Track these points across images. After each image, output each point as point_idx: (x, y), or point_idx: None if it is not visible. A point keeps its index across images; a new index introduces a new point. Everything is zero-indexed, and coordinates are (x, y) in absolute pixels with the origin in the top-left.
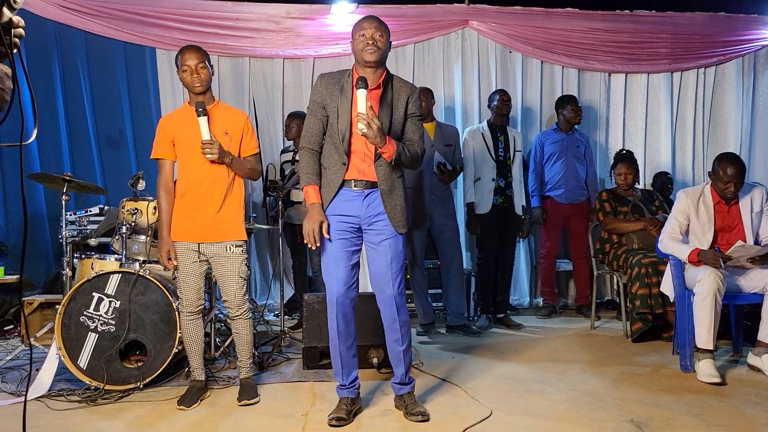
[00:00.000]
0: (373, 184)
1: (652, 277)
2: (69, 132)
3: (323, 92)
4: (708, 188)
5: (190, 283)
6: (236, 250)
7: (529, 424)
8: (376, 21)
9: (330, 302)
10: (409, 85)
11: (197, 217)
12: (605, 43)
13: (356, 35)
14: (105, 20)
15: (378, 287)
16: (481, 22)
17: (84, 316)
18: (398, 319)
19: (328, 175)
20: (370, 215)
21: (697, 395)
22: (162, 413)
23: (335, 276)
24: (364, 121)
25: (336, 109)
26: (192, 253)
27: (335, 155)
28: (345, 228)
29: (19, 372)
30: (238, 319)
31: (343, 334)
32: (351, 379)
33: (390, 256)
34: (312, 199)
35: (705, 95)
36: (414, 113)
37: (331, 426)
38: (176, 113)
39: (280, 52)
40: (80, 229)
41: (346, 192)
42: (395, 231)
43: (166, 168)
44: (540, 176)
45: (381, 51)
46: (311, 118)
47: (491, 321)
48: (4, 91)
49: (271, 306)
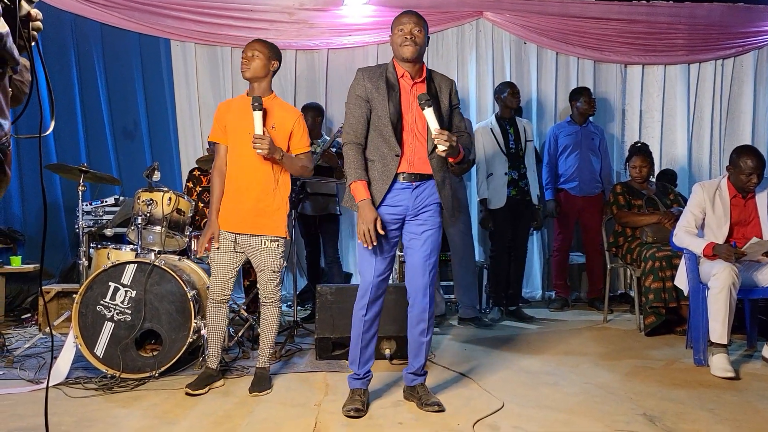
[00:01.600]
0: (422, 177)
1: (666, 270)
2: (85, 123)
3: (368, 86)
4: (725, 182)
5: (220, 271)
6: (271, 245)
7: (541, 416)
8: (415, 16)
9: (363, 291)
10: (447, 77)
11: (236, 208)
12: (622, 34)
13: (395, 30)
14: (120, 12)
15: (413, 277)
16: (495, 13)
17: (100, 306)
18: (428, 310)
19: (377, 168)
20: (417, 207)
21: (710, 390)
22: (177, 401)
23: (374, 267)
24: (444, 141)
25: (384, 102)
26: (228, 242)
27: (384, 148)
28: (389, 220)
29: (37, 360)
30: (267, 305)
31: (369, 324)
32: (366, 369)
33: (430, 247)
34: (362, 195)
35: (723, 87)
36: (457, 104)
37: (350, 417)
38: (235, 100)
39: (293, 43)
40: (96, 219)
41: (396, 185)
42: (439, 222)
43: (220, 152)
44: (554, 169)
45: (419, 47)
46: (356, 111)
47: (503, 313)
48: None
49: (284, 297)
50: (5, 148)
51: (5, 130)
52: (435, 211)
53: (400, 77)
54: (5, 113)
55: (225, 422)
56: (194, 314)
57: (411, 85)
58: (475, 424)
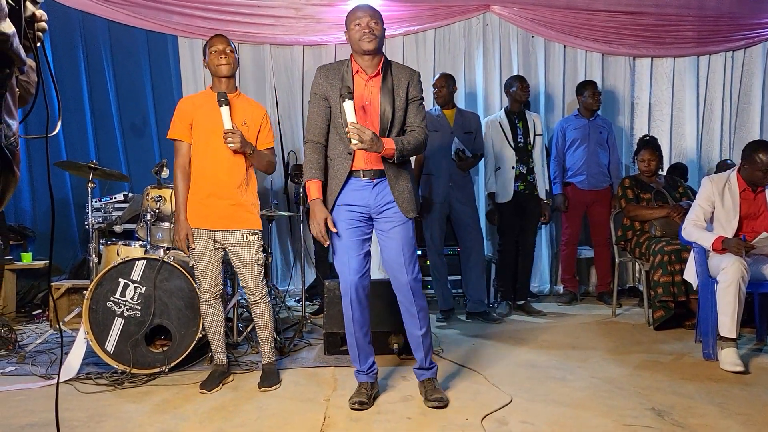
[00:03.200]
0: (381, 173)
1: (675, 264)
2: (94, 120)
3: (324, 84)
4: (734, 175)
5: (207, 270)
6: (252, 238)
7: (549, 411)
8: (370, 9)
9: (344, 291)
10: (409, 70)
11: (214, 204)
12: (630, 26)
13: (351, 25)
14: (128, 9)
15: (393, 274)
16: (502, 6)
17: (111, 302)
18: (415, 304)
19: (335, 166)
20: (379, 204)
21: (719, 384)
22: (187, 396)
23: (348, 265)
24: (355, 135)
25: (338, 100)
26: (207, 240)
27: (341, 146)
28: (355, 217)
29: (48, 355)
30: (257, 303)
31: (359, 321)
32: (369, 364)
33: (401, 242)
34: (313, 195)
35: (733, 79)
36: (415, 97)
37: (354, 410)
38: (198, 96)
39: (300, 39)
40: (105, 215)
41: (354, 182)
42: (404, 217)
43: (183, 150)
44: (561, 163)
45: (378, 38)
46: (314, 110)
47: (511, 308)
48: (29, 84)
49: (292, 292)
50: (13, 148)
51: (13, 130)
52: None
53: (355, 73)
54: (13, 113)
55: (235, 417)
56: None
57: (366, 80)
58: (483, 419)
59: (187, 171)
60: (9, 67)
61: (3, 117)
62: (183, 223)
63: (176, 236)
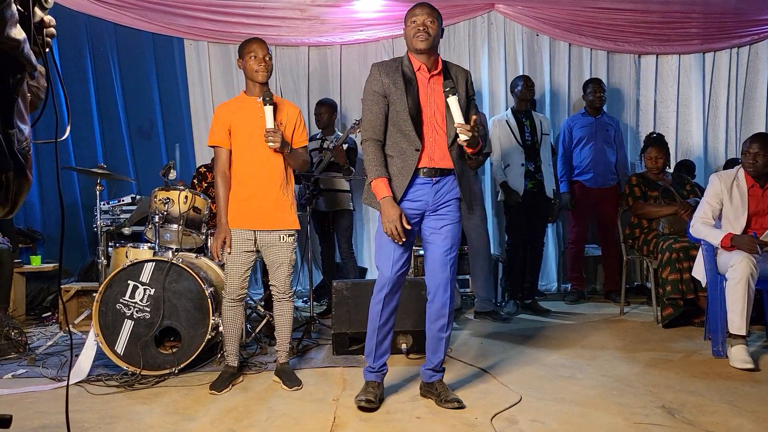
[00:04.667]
0: (442, 171)
1: (683, 262)
2: (101, 123)
3: (385, 81)
4: (742, 172)
5: (237, 270)
6: (289, 239)
7: (558, 409)
8: (428, 7)
9: (380, 285)
10: (463, 69)
11: (255, 205)
12: (635, 23)
13: (408, 22)
14: (134, 12)
15: (433, 272)
16: (507, 5)
17: (120, 304)
18: (449, 306)
19: (397, 164)
20: (437, 202)
21: (729, 381)
22: (197, 398)
23: (391, 260)
24: (468, 132)
25: (403, 96)
26: (246, 241)
27: (404, 143)
28: (409, 215)
29: (59, 358)
30: (284, 301)
31: (385, 318)
32: (381, 364)
33: (451, 242)
34: (383, 193)
35: (738, 76)
36: (472, 95)
37: (362, 408)
38: (234, 102)
39: (305, 40)
40: (113, 218)
41: (415, 179)
42: (457, 216)
43: (223, 156)
44: (568, 161)
45: (432, 38)
46: (374, 108)
47: (519, 307)
48: (39, 89)
49: (299, 292)
50: (26, 153)
51: (26, 135)
52: (454, 206)
53: (417, 70)
54: (25, 118)
55: (245, 418)
56: (212, 311)
57: (428, 78)
58: (492, 418)
59: (228, 176)
60: (20, 73)
61: (15, 122)
62: (224, 227)
63: (215, 240)
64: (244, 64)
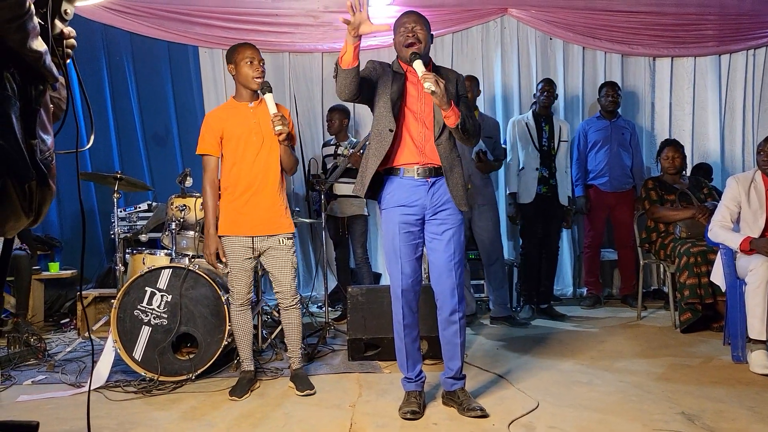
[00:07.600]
0: (437, 172)
1: (702, 266)
2: (117, 130)
3: (377, 67)
4: (759, 174)
5: (241, 277)
6: (288, 243)
7: (576, 416)
8: (415, 15)
9: (395, 296)
10: (454, 71)
11: (252, 212)
12: (650, 26)
13: (398, 30)
14: (149, 20)
15: (438, 279)
16: (520, 9)
17: (138, 310)
18: (459, 311)
19: (373, 147)
20: (435, 205)
21: (750, 387)
22: (214, 404)
23: (401, 270)
24: (431, 79)
25: (388, 83)
26: (245, 248)
27: (380, 124)
28: (409, 220)
29: (77, 364)
30: (291, 309)
31: (409, 326)
32: (417, 371)
33: (453, 246)
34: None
35: (755, 78)
36: (463, 94)
37: (406, 420)
38: (222, 109)
39: (319, 46)
40: (130, 225)
41: (410, 181)
42: (459, 219)
43: (212, 164)
44: (583, 165)
45: (422, 44)
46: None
47: (534, 312)
48: (60, 100)
49: (314, 298)
50: (49, 163)
51: (48, 145)
52: (454, 208)
53: (407, 71)
54: (48, 129)
55: (262, 424)
56: (228, 317)
57: (417, 82)
58: (510, 424)
59: (216, 185)
60: (42, 84)
61: (38, 132)
62: (213, 238)
63: (206, 250)
64: (237, 69)
